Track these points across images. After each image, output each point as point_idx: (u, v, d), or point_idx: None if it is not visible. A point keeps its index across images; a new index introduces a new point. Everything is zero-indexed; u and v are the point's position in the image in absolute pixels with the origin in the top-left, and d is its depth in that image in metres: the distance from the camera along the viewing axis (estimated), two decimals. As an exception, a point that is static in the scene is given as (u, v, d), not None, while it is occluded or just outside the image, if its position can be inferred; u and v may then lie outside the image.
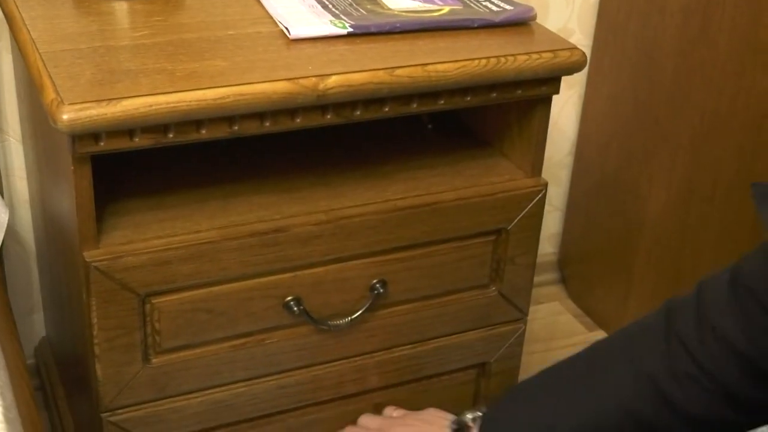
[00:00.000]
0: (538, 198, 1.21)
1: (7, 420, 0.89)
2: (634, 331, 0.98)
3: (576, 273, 1.93)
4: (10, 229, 1.40)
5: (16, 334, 1.23)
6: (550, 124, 1.85)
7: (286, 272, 1.10)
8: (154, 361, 1.08)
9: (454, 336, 1.25)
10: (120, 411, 1.09)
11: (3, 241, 1.25)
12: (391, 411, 1.22)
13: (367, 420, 1.21)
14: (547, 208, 1.92)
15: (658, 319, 0.95)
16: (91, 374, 1.07)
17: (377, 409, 1.24)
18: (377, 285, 1.15)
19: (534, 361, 1.69)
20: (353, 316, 1.15)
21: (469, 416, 1.07)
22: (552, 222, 1.96)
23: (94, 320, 1.02)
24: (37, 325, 1.51)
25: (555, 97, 1.81)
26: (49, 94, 0.93)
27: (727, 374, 0.89)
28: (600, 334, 1.82)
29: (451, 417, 1.11)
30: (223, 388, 1.13)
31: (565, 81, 1.81)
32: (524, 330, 1.30)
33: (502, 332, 1.29)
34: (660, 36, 1.56)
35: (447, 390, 1.30)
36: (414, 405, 1.22)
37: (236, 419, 1.17)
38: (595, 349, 1.01)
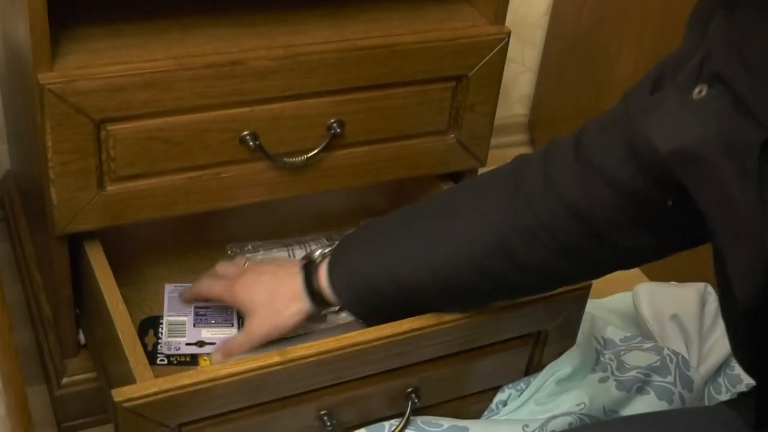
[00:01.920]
0: (500, 46, 1.21)
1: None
2: (485, 181, 1.00)
3: (544, 136, 1.94)
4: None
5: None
6: (527, -19, 1.85)
7: (243, 106, 1.10)
8: (109, 188, 1.09)
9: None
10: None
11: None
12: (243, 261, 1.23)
13: (223, 268, 1.20)
14: (520, 68, 1.93)
15: (507, 171, 0.97)
16: (46, 199, 1.08)
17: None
18: (334, 124, 1.16)
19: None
20: (309, 155, 1.16)
21: (317, 252, 1.07)
22: (524, 83, 1.96)
23: (49, 143, 1.03)
24: (1, 157, 1.52)
25: (534, -47, 1.80)
26: None
27: (567, 232, 0.91)
28: (563, 196, 1.84)
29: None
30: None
31: (544, -63, 1.80)
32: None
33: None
34: None
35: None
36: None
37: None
38: (445, 196, 1.03)
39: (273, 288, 1.09)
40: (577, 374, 1.16)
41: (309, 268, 1.07)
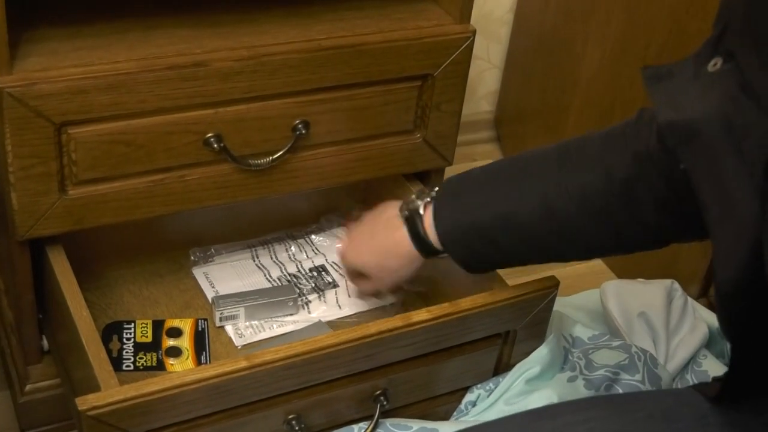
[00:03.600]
0: (465, 45, 1.20)
1: None
2: (601, 134, 0.98)
3: (511, 132, 1.94)
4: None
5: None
6: (492, -22, 1.85)
7: (207, 108, 1.09)
8: (71, 192, 1.08)
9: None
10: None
11: None
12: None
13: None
14: (485, 65, 1.92)
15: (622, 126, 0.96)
16: (7, 204, 1.06)
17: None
18: (299, 125, 1.15)
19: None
20: (274, 156, 1.15)
21: (418, 201, 1.05)
22: (490, 80, 1.96)
23: (9, 148, 1.01)
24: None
25: (497, -49, 1.80)
26: None
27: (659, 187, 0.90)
28: (530, 192, 1.84)
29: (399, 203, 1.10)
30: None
31: (508, -65, 1.80)
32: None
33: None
34: None
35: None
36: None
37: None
38: (562, 144, 1.00)
39: (379, 248, 1.11)
40: (546, 373, 1.16)
41: (413, 218, 1.05)
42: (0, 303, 1.30)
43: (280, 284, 1.31)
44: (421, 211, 1.04)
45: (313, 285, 1.32)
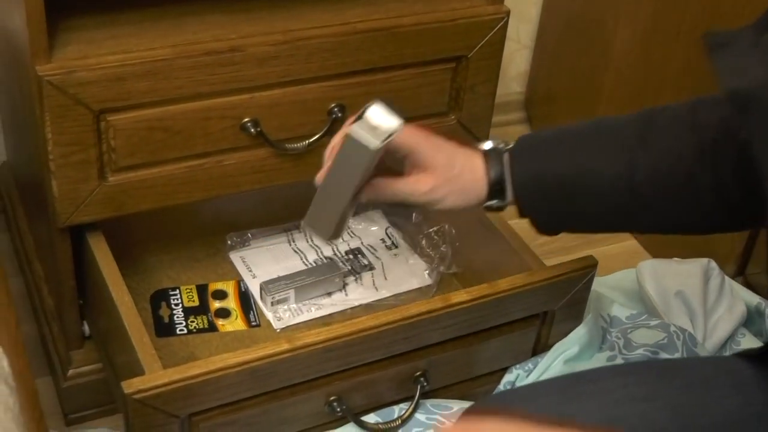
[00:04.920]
0: (499, 26, 1.20)
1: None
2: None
3: (542, 113, 1.93)
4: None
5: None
6: (521, -41, 1.84)
7: (243, 93, 1.10)
8: (110, 178, 1.08)
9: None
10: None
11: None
12: None
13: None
14: (515, 46, 1.92)
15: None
16: (47, 191, 1.07)
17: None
18: (335, 109, 1.15)
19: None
20: (311, 140, 1.15)
21: (501, 144, 0.98)
22: (520, 60, 1.95)
23: (49, 136, 1.02)
24: (-2, 149, 1.51)
25: (527, -69, 1.79)
26: None
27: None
28: (562, 173, 1.83)
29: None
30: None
31: None
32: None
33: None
34: None
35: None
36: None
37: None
38: (635, 115, 0.97)
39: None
40: (584, 353, 1.16)
41: (496, 154, 0.96)
42: (40, 289, 1.31)
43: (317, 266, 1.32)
44: (501, 149, 0.97)
45: (350, 268, 1.32)
